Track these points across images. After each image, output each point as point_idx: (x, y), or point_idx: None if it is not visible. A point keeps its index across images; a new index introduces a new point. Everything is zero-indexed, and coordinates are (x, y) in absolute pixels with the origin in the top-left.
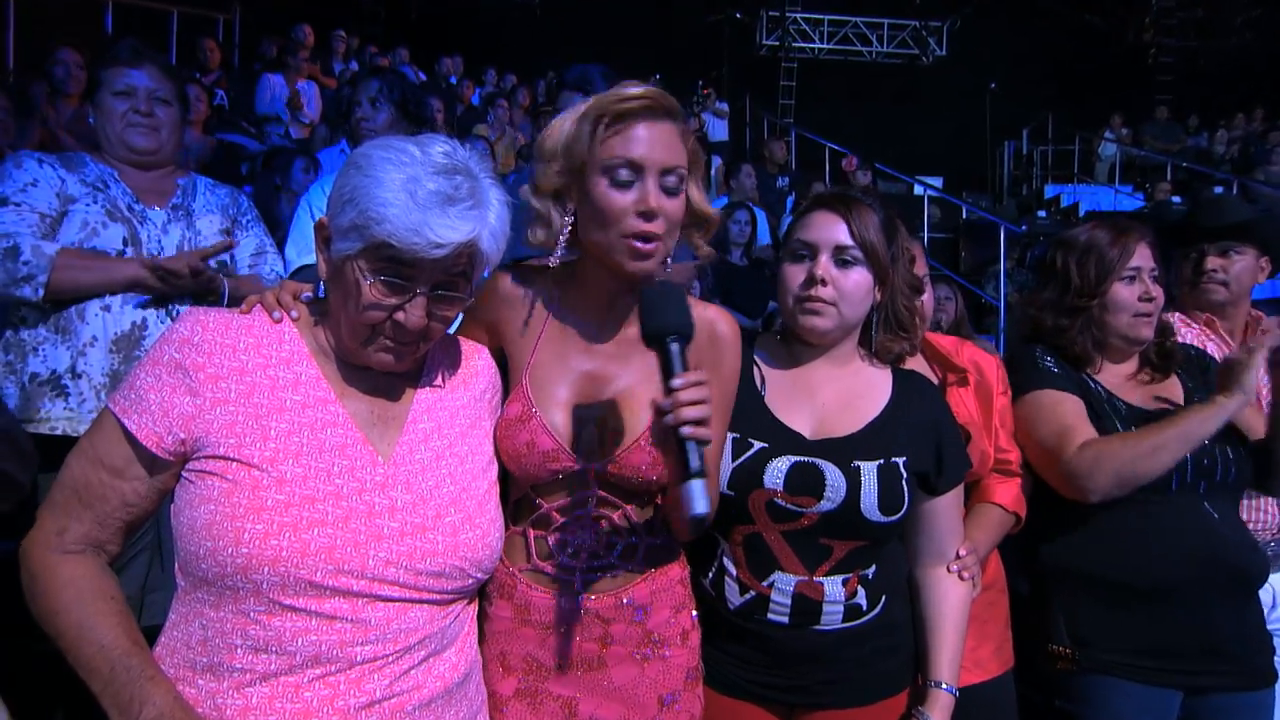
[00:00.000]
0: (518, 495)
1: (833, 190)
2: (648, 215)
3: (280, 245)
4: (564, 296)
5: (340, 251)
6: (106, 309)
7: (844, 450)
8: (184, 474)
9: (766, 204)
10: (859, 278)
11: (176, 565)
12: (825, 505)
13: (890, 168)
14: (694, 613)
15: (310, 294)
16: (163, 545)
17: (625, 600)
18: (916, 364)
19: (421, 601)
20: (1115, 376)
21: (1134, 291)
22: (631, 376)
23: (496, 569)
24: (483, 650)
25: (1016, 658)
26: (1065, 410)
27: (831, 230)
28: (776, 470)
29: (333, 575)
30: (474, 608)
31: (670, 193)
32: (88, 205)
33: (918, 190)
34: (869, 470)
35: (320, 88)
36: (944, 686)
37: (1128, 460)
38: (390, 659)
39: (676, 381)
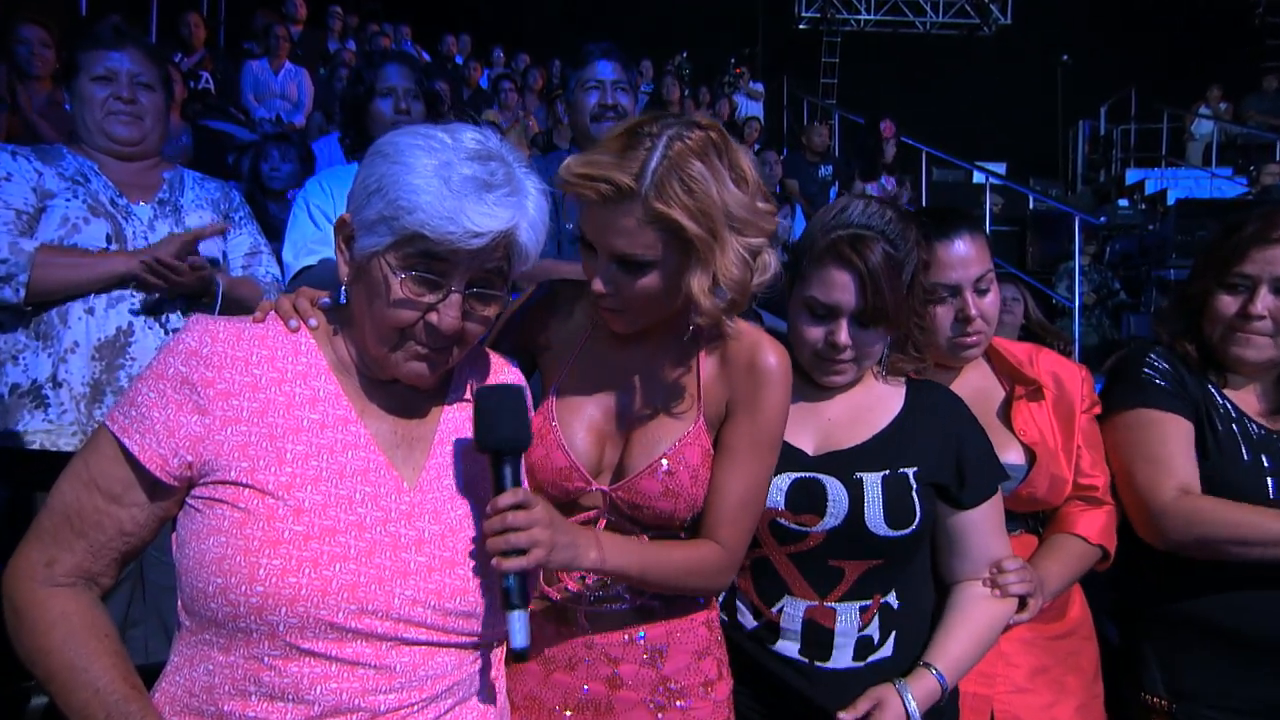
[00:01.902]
0: None
1: (846, 233)
2: (594, 292)
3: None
4: (601, 321)
5: (366, 248)
6: (90, 312)
7: (846, 462)
8: (189, 501)
9: (807, 195)
10: (876, 332)
11: (180, 603)
12: (829, 522)
13: (946, 153)
14: (721, 658)
15: (328, 300)
16: (145, 575)
17: (636, 637)
18: (981, 376)
19: (450, 645)
20: (1250, 395)
21: (1236, 303)
22: (655, 398)
23: None
24: None
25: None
26: (1166, 435)
27: (849, 293)
28: (776, 488)
29: (355, 616)
30: (503, 650)
31: (629, 271)
32: (67, 200)
33: (978, 178)
34: (872, 482)
35: (310, 73)
36: (934, 671)
37: (1222, 537)
38: (416, 708)
39: (498, 503)
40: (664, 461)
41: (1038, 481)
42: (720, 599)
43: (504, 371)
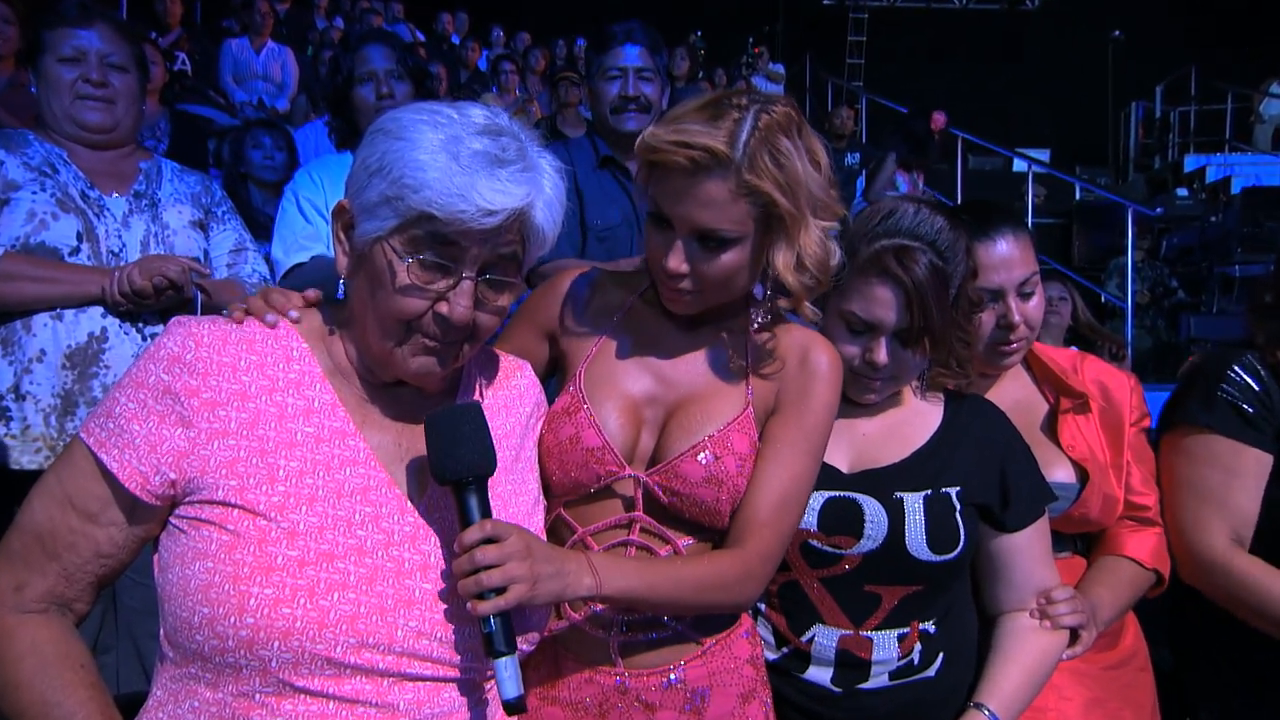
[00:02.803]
0: (548, 520)
1: (892, 243)
2: (667, 273)
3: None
4: (642, 301)
5: (368, 233)
6: (58, 318)
7: (884, 481)
8: (173, 521)
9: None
10: (917, 352)
11: (162, 632)
12: (866, 544)
13: (984, 139)
14: (767, 702)
15: (318, 298)
16: (117, 597)
17: (674, 679)
18: (1020, 386)
19: (457, 680)
20: None
21: None
22: (699, 382)
23: None
24: None
25: None
26: (1233, 471)
27: (891, 310)
28: (809, 508)
29: (355, 650)
30: None
31: (708, 250)
32: (34, 193)
33: (1018, 166)
34: (914, 502)
35: (295, 52)
36: (986, 712)
37: (1265, 613)
38: None
39: (464, 540)
40: (708, 445)
41: (1090, 502)
42: None
43: (517, 375)
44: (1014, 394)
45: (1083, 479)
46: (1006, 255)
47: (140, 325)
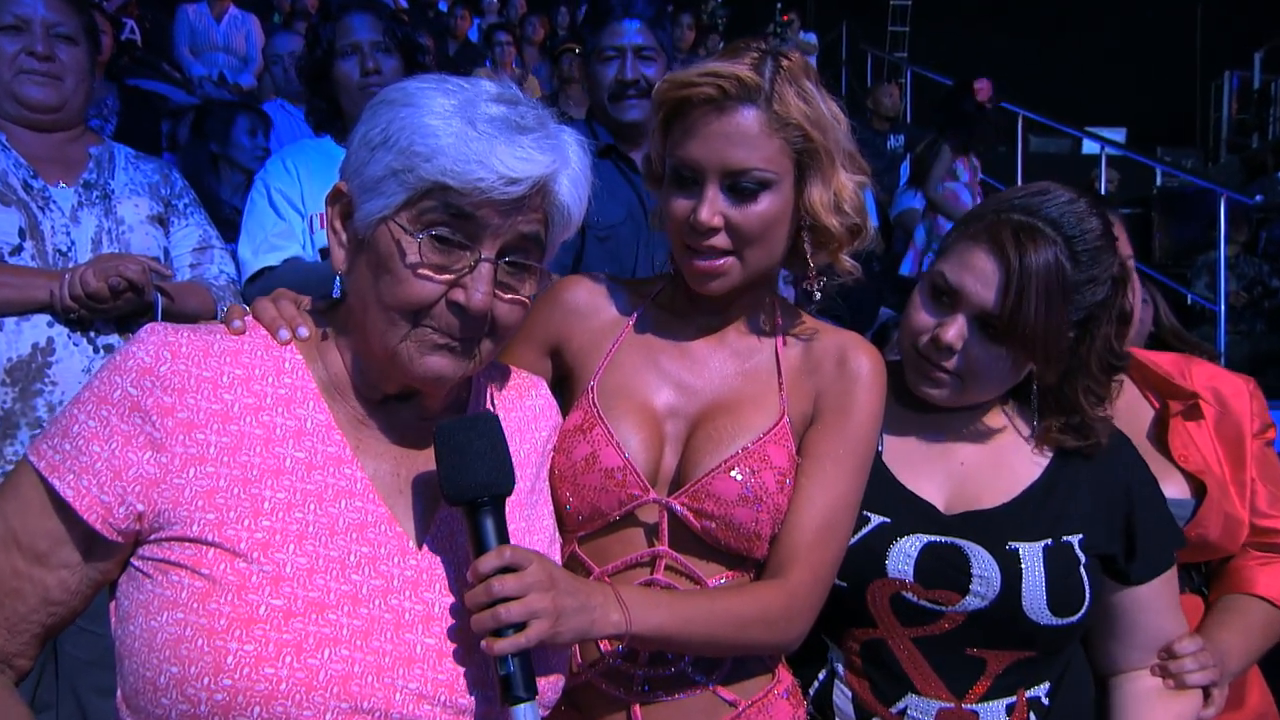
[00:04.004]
0: (561, 559)
1: (1019, 217)
2: (698, 229)
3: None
4: (655, 306)
5: (371, 214)
6: None
7: (994, 526)
8: (136, 563)
9: (873, 173)
10: (1000, 355)
11: (119, 694)
12: (973, 602)
13: (1049, 117)
14: None
15: (311, 304)
16: (59, 646)
17: None
18: (1120, 390)
19: None
20: None
21: None
22: (726, 390)
23: None
24: None
25: None
26: None
27: (983, 285)
28: (904, 553)
29: (347, 716)
30: None
31: (742, 197)
32: None
33: (1089, 147)
34: (1032, 555)
35: (261, 20)
36: None
37: None
38: None
39: (480, 568)
40: (742, 459)
41: (1208, 521)
42: (811, 693)
43: (532, 394)
44: (1118, 399)
45: (1199, 495)
46: None
47: (92, 335)
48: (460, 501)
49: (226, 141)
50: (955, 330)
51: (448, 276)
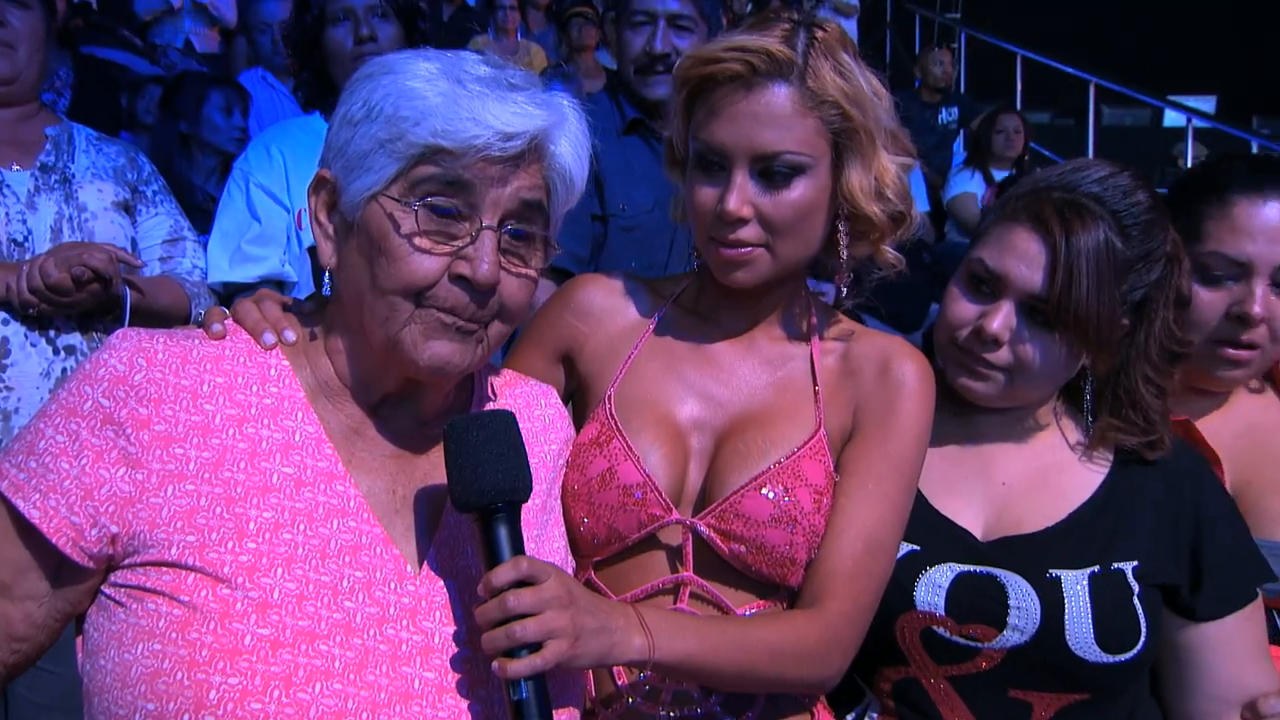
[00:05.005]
0: None
1: (1061, 194)
2: (725, 219)
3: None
4: (678, 308)
5: (359, 193)
6: None
7: (1034, 553)
8: (108, 591)
9: (922, 151)
10: (1051, 344)
11: None
12: (1011, 637)
13: (1125, 85)
14: None
15: (296, 304)
16: (9, 691)
17: None
18: (1262, 407)
19: None
20: None
21: None
22: (756, 401)
23: None
24: None
25: None
26: None
27: (1029, 266)
28: (934, 584)
29: None
30: None
31: (774, 184)
32: None
33: (1171, 119)
34: (1076, 582)
35: None
36: None
37: None
38: None
39: (493, 580)
40: (774, 476)
41: None
42: None
43: (542, 403)
44: (1249, 415)
45: None
46: (1274, 223)
47: (52, 334)
48: (472, 508)
49: (198, 120)
50: (1001, 319)
51: (448, 249)
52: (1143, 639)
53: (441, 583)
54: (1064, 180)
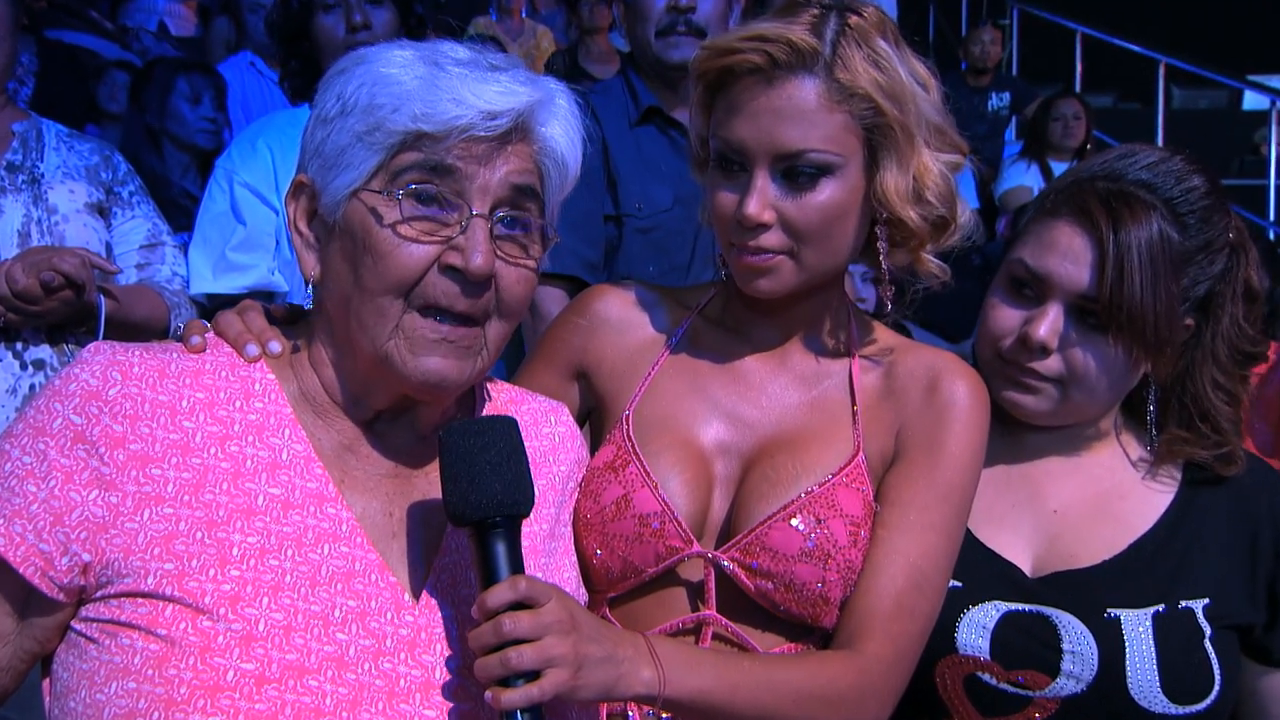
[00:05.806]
0: None
1: (1108, 184)
2: (744, 224)
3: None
4: (703, 320)
5: (339, 191)
6: None
7: (1090, 590)
8: (78, 626)
9: (971, 141)
10: (1106, 349)
11: None
12: (1066, 685)
13: (1198, 65)
14: None
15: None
16: None
17: None
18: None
19: None
20: None
21: None
22: (787, 422)
23: None
24: None
25: None
26: None
27: (1075, 264)
28: (978, 625)
29: None
30: None
31: (798, 185)
32: None
33: (1252, 102)
34: (1138, 623)
35: None
36: None
37: None
38: None
39: (487, 602)
40: (805, 505)
41: None
42: None
43: (551, 421)
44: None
45: None
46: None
47: (19, 347)
48: (466, 521)
49: (163, 113)
50: (1048, 325)
51: (437, 240)
52: (1217, 688)
53: (441, 612)
54: (1109, 169)
